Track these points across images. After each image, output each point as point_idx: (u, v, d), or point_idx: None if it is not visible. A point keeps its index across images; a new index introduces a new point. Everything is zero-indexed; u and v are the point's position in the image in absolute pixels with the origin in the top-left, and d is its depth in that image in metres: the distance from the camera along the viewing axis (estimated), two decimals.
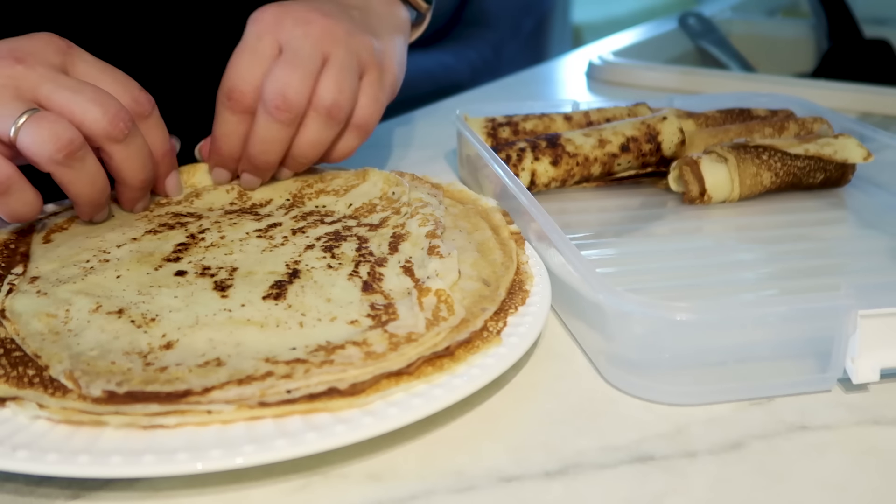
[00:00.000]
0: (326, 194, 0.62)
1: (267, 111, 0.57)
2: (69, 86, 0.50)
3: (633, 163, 0.69)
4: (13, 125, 0.48)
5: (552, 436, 0.42)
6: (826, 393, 0.46)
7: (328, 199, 0.62)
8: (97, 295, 0.47)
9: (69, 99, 0.49)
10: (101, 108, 0.50)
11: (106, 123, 0.50)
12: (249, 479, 0.39)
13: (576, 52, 1.30)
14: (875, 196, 0.70)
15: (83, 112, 0.49)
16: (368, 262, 0.52)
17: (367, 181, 0.62)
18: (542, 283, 0.50)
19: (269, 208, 0.61)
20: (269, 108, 0.56)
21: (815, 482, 0.39)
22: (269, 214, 0.59)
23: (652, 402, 0.45)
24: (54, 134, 0.48)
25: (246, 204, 0.61)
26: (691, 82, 1.05)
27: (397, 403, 0.40)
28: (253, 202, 0.62)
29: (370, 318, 0.46)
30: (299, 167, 0.62)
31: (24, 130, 0.48)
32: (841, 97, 0.94)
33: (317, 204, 0.61)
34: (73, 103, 0.49)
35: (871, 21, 1.25)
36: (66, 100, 0.49)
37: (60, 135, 0.48)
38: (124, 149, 0.52)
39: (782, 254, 0.61)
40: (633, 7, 2.98)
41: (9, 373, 0.41)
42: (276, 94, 0.56)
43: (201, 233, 0.56)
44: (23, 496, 0.38)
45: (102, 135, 0.50)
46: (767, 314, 0.45)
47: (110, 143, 0.51)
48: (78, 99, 0.49)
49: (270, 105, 0.56)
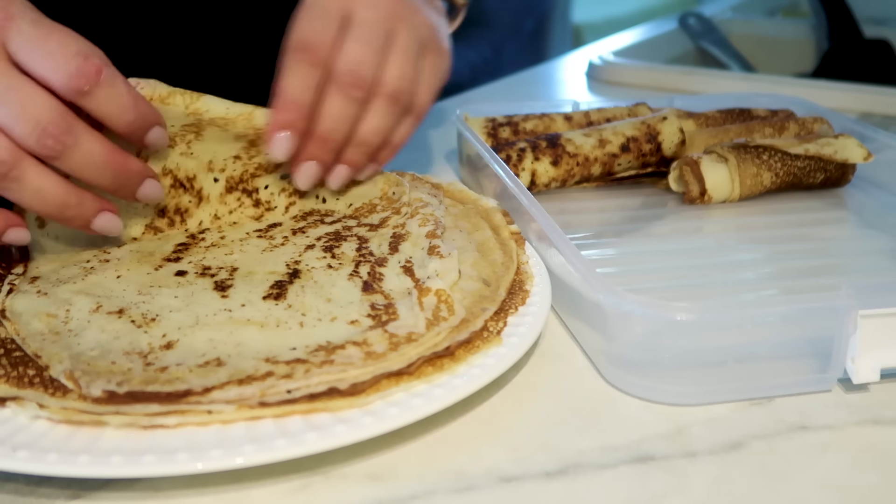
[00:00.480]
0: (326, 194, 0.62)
1: (340, 86, 0.53)
2: (4, 108, 0.44)
3: (633, 163, 0.69)
4: None
5: (552, 436, 0.42)
6: (826, 393, 0.46)
7: (328, 199, 0.62)
8: (97, 295, 0.47)
9: (8, 127, 0.44)
10: (29, 122, 0.44)
11: (32, 142, 0.44)
12: (250, 479, 0.39)
13: (576, 52, 1.30)
14: (875, 196, 0.70)
15: (9, 128, 0.44)
16: (369, 262, 0.52)
17: (367, 181, 0.62)
18: (543, 284, 0.50)
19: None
20: (343, 82, 0.52)
21: (816, 482, 0.39)
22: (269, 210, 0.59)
23: (652, 402, 0.45)
24: None
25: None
26: (691, 82, 1.05)
27: (397, 403, 0.40)
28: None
29: (370, 318, 0.46)
30: (360, 159, 0.57)
31: None
32: (841, 97, 0.94)
33: (317, 204, 0.61)
34: (9, 130, 0.44)
35: (871, 21, 1.25)
36: (7, 128, 0.44)
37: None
38: (66, 162, 0.46)
39: (782, 254, 0.61)
40: (633, 7, 2.98)
41: (9, 373, 0.41)
42: (350, 70, 0.52)
43: (201, 233, 0.56)
44: (23, 496, 0.38)
45: (34, 152, 0.45)
46: (768, 314, 0.45)
47: (48, 160, 0.46)
48: (4, 111, 0.44)
49: (344, 80, 0.52)
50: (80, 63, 0.45)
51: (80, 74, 0.45)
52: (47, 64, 0.45)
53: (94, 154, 0.47)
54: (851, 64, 1.20)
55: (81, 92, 0.45)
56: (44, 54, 0.45)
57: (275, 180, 0.60)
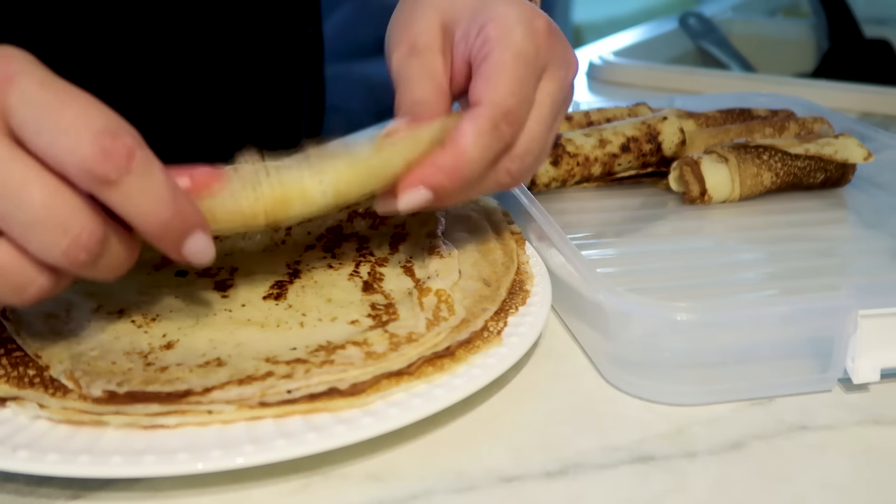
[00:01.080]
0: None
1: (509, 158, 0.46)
2: (15, 210, 0.35)
3: (633, 163, 0.69)
4: None
5: (553, 436, 0.42)
6: (826, 393, 0.46)
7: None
8: (98, 295, 0.47)
9: (19, 235, 0.35)
10: (51, 230, 0.35)
11: (59, 254, 0.35)
12: (250, 479, 0.39)
13: (576, 52, 1.30)
14: (875, 196, 0.70)
15: (24, 242, 0.35)
16: (369, 261, 0.52)
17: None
18: (543, 283, 0.50)
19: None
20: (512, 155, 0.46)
21: (816, 482, 0.39)
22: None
23: (652, 402, 0.45)
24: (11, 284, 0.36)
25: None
26: (692, 82, 1.05)
27: (398, 403, 0.40)
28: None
29: (371, 318, 0.46)
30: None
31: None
32: (841, 97, 0.94)
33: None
34: (15, 232, 0.35)
35: (871, 21, 1.25)
36: (17, 235, 0.35)
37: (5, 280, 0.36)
38: (94, 270, 0.37)
39: (783, 254, 0.61)
40: (633, 7, 2.98)
41: (9, 373, 0.41)
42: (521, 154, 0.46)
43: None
44: (23, 496, 0.38)
45: (60, 267, 0.36)
46: (768, 314, 0.45)
47: (78, 272, 0.37)
48: (26, 235, 0.35)
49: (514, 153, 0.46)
50: (107, 143, 0.34)
51: (106, 159, 0.34)
52: (62, 143, 0.34)
53: (144, 204, 0.36)
54: (852, 64, 1.20)
55: (107, 182, 0.35)
56: (57, 130, 0.34)
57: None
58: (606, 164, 0.68)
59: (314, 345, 0.43)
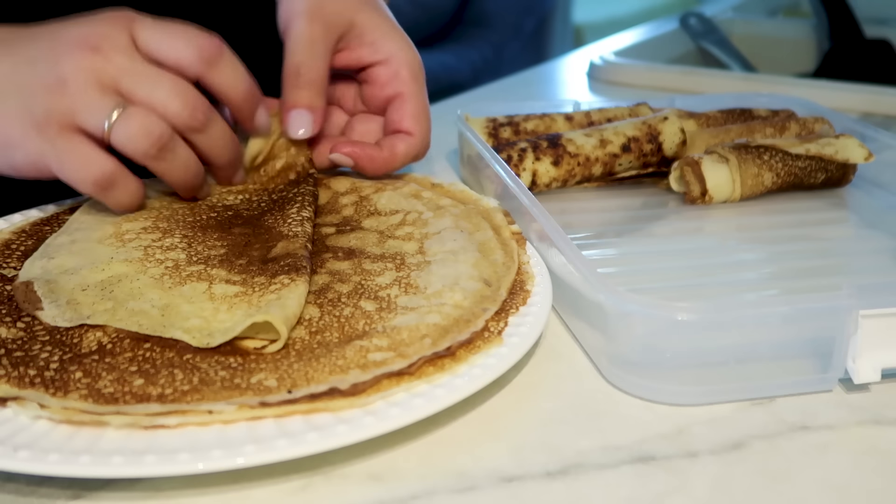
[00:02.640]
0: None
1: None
2: (148, 77, 0.51)
3: (634, 163, 0.69)
4: (106, 122, 0.49)
5: (553, 436, 0.42)
6: (827, 393, 0.46)
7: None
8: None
9: (150, 94, 0.50)
10: (180, 100, 0.51)
11: (186, 116, 0.51)
12: (251, 479, 0.39)
13: (577, 52, 1.30)
14: (876, 196, 0.70)
15: (164, 106, 0.50)
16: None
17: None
18: (544, 284, 0.50)
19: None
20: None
21: (817, 482, 0.39)
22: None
23: (653, 402, 0.45)
24: (146, 130, 0.50)
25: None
26: (692, 82, 1.05)
27: (398, 403, 0.40)
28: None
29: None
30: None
31: (116, 128, 0.49)
32: (842, 97, 0.94)
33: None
34: (155, 98, 0.50)
35: (872, 21, 1.25)
36: (147, 94, 0.50)
37: (151, 130, 0.50)
38: (206, 137, 0.53)
39: (783, 254, 0.61)
40: (634, 7, 2.98)
41: (10, 373, 0.41)
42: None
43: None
44: (24, 496, 0.38)
45: (184, 127, 0.52)
46: (769, 314, 0.45)
47: (192, 134, 0.52)
48: (158, 93, 0.50)
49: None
50: (207, 41, 0.52)
51: (208, 48, 0.52)
52: (177, 44, 0.52)
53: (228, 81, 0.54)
54: (852, 64, 1.20)
55: (211, 63, 0.52)
56: (171, 38, 0.52)
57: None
58: (607, 164, 0.68)
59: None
